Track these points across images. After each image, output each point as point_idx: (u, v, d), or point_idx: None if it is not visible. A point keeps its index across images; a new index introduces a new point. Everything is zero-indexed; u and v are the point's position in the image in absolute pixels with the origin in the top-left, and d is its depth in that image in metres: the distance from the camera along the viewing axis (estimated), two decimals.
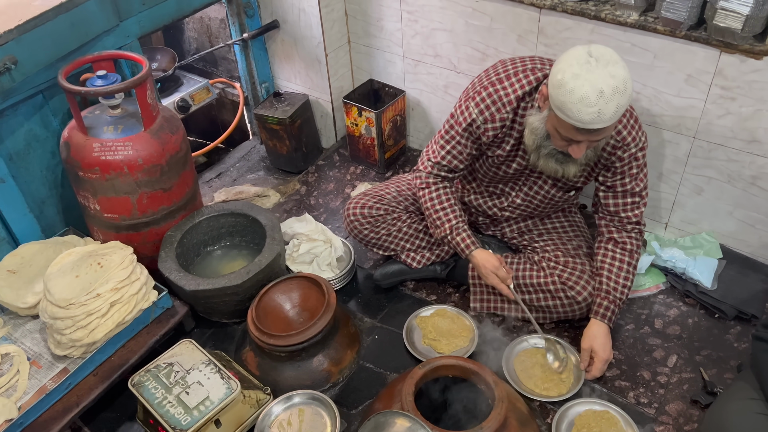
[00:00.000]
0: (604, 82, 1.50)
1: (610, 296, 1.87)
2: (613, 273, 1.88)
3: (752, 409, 1.49)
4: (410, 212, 2.17)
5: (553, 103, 1.58)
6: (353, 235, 2.17)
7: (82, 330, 1.81)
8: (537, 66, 1.79)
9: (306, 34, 2.64)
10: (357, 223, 2.13)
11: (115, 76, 1.96)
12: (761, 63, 1.81)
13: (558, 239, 2.07)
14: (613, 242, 1.91)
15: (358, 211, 2.12)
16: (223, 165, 2.99)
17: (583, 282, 1.94)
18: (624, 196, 1.86)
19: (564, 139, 1.64)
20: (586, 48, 1.55)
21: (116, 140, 1.95)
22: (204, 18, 3.03)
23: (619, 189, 1.85)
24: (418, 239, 2.17)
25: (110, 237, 2.09)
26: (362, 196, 2.16)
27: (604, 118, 1.52)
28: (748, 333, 2.00)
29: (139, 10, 2.20)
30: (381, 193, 2.16)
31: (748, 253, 2.19)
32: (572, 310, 1.96)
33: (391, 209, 2.13)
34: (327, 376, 1.93)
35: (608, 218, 1.92)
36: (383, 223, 2.13)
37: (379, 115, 2.59)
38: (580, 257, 2.00)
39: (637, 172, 1.82)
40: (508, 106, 1.78)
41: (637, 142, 1.78)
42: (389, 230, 2.14)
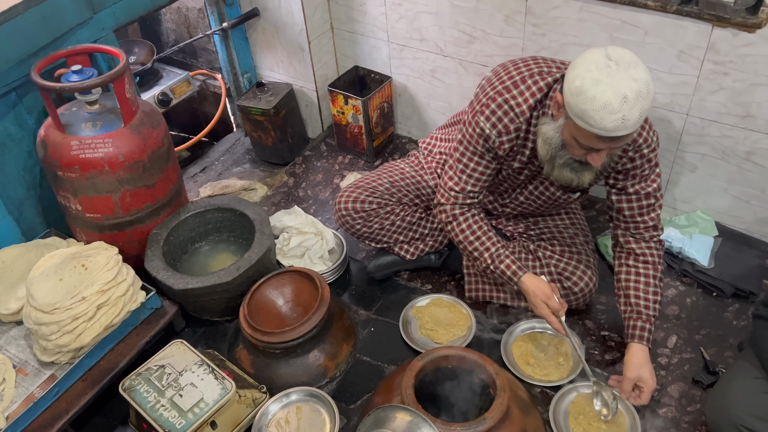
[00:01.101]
0: (627, 86, 1.40)
1: (643, 315, 1.74)
2: (641, 290, 1.76)
3: (755, 388, 1.48)
4: (403, 204, 2.10)
5: (572, 112, 1.47)
6: (345, 229, 2.11)
7: (69, 335, 1.75)
8: (544, 69, 1.67)
9: (287, 22, 2.57)
10: (349, 218, 2.05)
11: (91, 71, 1.89)
12: (754, 36, 1.77)
13: (554, 227, 2.04)
14: (633, 257, 1.80)
15: (350, 205, 2.04)
16: (208, 159, 2.92)
17: (580, 272, 1.91)
18: (638, 200, 1.75)
19: (583, 148, 1.54)
20: (603, 51, 1.45)
21: (95, 137, 1.88)
22: (181, 8, 2.94)
23: (631, 191, 1.75)
24: (411, 231, 2.12)
25: (94, 237, 2.02)
26: (354, 188, 2.07)
27: (629, 125, 1.42)
28: (747, 310, 1.99)
29: (114, 1, 2.12)
30: (373, 184, 2.07)
31: (743, 229, 2.17)
32: (569, 300, 1.92)
33: (384, 202, 2.06)
34: (323, 372, 1.89)
35: (624, 225, 1.80)
36: (376, 217, 2.06)
37: (365, 102, 2.53)
38: (576, 246, 1.97)
39: (649, 173, 1.73)
40: (521, 116, 1.66)
41: (649, 142, 1.68)
42: (382, 224, 2.08)
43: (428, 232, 2.14)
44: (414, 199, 2.11)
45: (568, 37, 2.09)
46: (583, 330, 1.98)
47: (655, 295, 1.77)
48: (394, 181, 2.09)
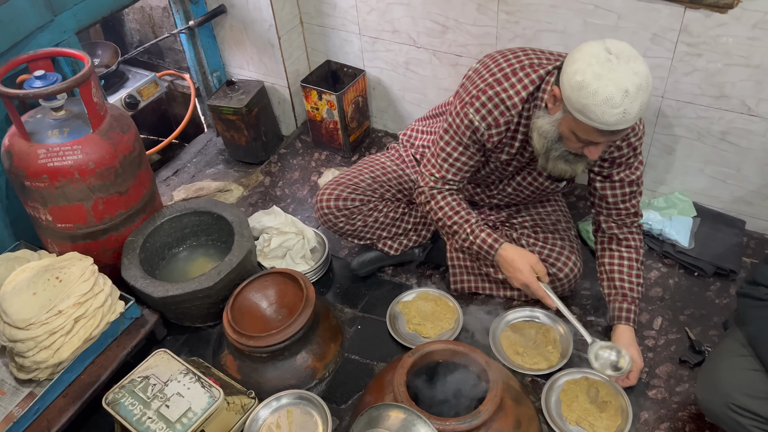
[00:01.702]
0: (629, 80, 1.39)
1: (628, 298, 1.78)
2: (625, 273, 1.80)
3: (743, 366, 1.49)
4: (386, 200, 2.07)
5: (572, 106, 1.46)
6: (327, 227, 2.07)
7: (46, 350, 1.69)
8: (534, 61, 1.65)
9: (256, 18, 2.51)
10: (331, 216, 2.01)
11: (56, 76, 1.82)
12: (726, 17, 1.79)
13: (536, 215, 2.03)
14: (616, 241, 1.83)
15: (332, 203, 1.99)
16: (180, 161, 2.86)
17: (564, 258, 1.90)
18: (622, 187, 1.77)
19: (581, 141, 1.54)
20: (603, 44, 1.44)
21: (63, 144, 1.81)
22: (145, 7, 2.86)
23: (616, 179, 1.75)
24: (395, 227, 2.10)
25: (66, 248, 1.96)
26: (335, 185, 2.02)
27: (629, 118, 1.42)
28: (728, 289, 2.01)
29: (74, 2, 2.05)
30: (355, 180, 2.03)
31: (720, 209, 2.20)
32: (554, 287, 1.92)
33: (366, 199, 2.02)
34: (312, 373, 1.86)
35: (606, 212, 1.83)
36: (359, 214, 2.02)
37: (340, 97, 2.49)
38: (560, 232, 1.97)
39: (633, 161, 1.74)
40: (513, 109, 1.65)
41: (636, 131, 1.68)
42: (365, 221, 2.04)
43: (411, 227, 2.12)
44: (396, 194, 2.09)
45: (542, 24, 2.08)
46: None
47: (638, 278, 1.81)
48: (375, 177, 2.06)
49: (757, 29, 1.77)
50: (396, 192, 2.08)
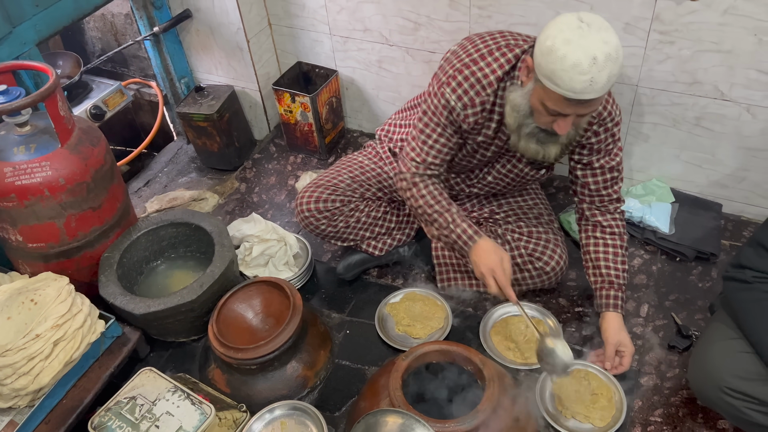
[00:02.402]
0: (598, 48, 1.39)
1: (615, 285, 1.79)
2: (610, 260, 1.80)
3: (734, 348, 1.51)
4: (366, 199, 2.05)
5: (542, 72, 1.46)
6: (309, 231, 2.04)
7: (26, 377, 1.62)
8: (511, 42, 1.65)
9: (223, 21, 2.45)
10: (312, 219, 1.98)
11: (18, 90, 1.75)
12: (697, 4, 1.80)
13: (519, 209, 2.03)
14: (600, 229, 1.83)
15: (313, 206, 1.97)
16: (150, 171, 2.78)
17: (549, 251, 1.90)
18: (603, 173, 1.77)
19: (550, 114, 1.52)
20: (576, 14, 1.44)
21: (30, 161, 1.74)
22: (106, 15, 2.77)
23: (596, 166, 1.76)
24: (377, 226, 2.08)
25: (39, 268, 1.88)
26: (314, 187, 1.99)
27: (596, 87, 1.41)
28: (710, 272, 2.04)
29: (33, 13, 1.97)
30: (334, 182, 2.01)
31: (697, 193, 2.23)
32: (541, 280, 1.93)
33: (347, 200, 2.00)
34: (303, 382, 1.82)
35: (589, 199, 1.83)
36: (340, 215, 2.00)
37: (314, 98, 2.45)
38: (543, 225, 1.97)
39: (612, 147, 1.75)
40: (488, 88, 1.64)
41: (613, 116, 1.69)
42: (347, 222, 2.02)
43: (394, 225, 2.10)
44: (377, 193, 2.06)
45: (515, 18, 2.08)
46: (557, 307, 1.98)
47: (623, 264, 1.82)
48: (354, 176, 2.03)
49: (727, 15, 1.79)
50: (376, 191, 2.06)
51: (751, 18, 1.76)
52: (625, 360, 1.74)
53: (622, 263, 1.82)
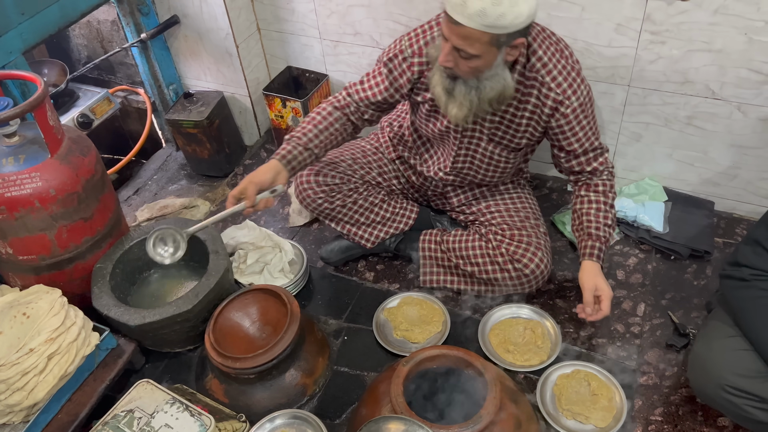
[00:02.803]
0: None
1: (593, 236, 1.81)
2: (592, 215, 1.82)
3: (733, 346, 1.51)
4: (366, 182, 2.07)
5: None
6: (305, 205, 2.04)
7: (20, 392, 1.59)
8: None
9: (211, 27, 2.43)
10: (311, 191, 1.99)
11: (6, 100, 1.72)
12: (687, 4, 1.81)
13: (505, 211, 2.02)
14: (585, 187, 1.86)
15: (312, 178, 1.98)
16: (140, 179, 2.75)
17: (530, 254, 1.89)
18: (585, 154, 1.81)
19: (444, 40, 1.57)
20: None
21: (20, 173, 1.71)
22: (92, 22, 2.73)
23: (575, 147, 1.79)
24: (373, 213, 2.08)
25: (30, 281, 1.85)
26: (316, 164, 2.00)
27: (466, 12, 1.45)
28: (705, 269, 2.05)
29: (19, 21, 1.93)
30: (336, 160, 2.03)
31: (689, 191, 2.24)
32: (521, 283, 1.92)
33: (347, 178, 2.02)
34: (302, 390, 1.81)
35: (574, 177, 1.89)
36: (338, 193, 2.01)
37: (305, 103, 2.44)
38: (527, 229, 1.96)
39: (586, 125, 1.77)
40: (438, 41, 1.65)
41: (578, 95, 1.72)
42: (344, 201, 2.03)
43: (389, 216, 2.10)
44: (377, 177, 2.09)
45: None
46: (555, 309, 1.98)
47: (606, 219, 1.83)
48: (356, 158, 2.07)
49: (718, 14, 1.80)
50: (376, 175, 2.09)
51: (742, 17, 1.78)
52: (604, 304, 1.74)
53: (604, 218, 1.82)
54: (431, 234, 2.07)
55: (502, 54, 1.57)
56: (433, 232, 2.07)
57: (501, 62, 1.60)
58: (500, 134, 1.84)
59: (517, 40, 1.56)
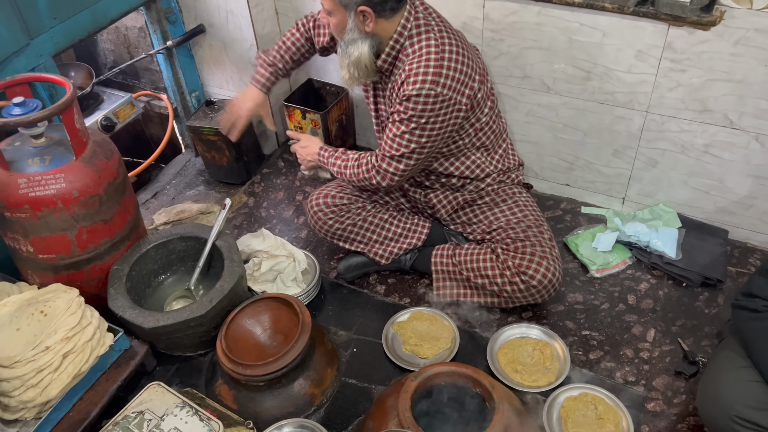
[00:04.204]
0: None
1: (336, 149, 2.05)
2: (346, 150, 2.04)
3: (744, 377, 1.51)
4: (374, 201, 2.14)
5: None
6: (317, 228, 2.12)
7: (34, 389, 1.62)
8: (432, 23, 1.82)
9: (236, 37, 2.48)
10: (321, 214, 2.08)
11: (35, 102, 1.76)
12: (709, 34, 1.83)
13: (506, 224, 2.02)
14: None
15: (321, 200, 2.10)
16: (158, 183, 2.79)
17: (535, 265, 1.89)
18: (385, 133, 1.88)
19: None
20: None
21: (45, 173, 1.75)
22: (120, 28, 2.80)
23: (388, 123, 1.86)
24: (385, 230, 2.11)
25: (49, 280, 1.88)
26: (324, 187, 2.15)
27: None
28: (716, 298, 2.05)
29: (51, 25, 1.99)
30: (342, 184, 2.14)
31: (704, 219, 2.24)
32: (530, 294, 1.93)
33: (354, 198, 2.11)
34: (310, 400, 1.82)
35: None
36: (347, 212, 2.09)
37: (324, 116, 2.47)
38: (530, 239, 1.96)
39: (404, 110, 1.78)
40: None
41: (418, 86, 1.74)
42: (354, 220, 2.09)
43: (401, 231, 2.12)
44: (384, 196, 2.16)
45: (528, 42, 2.10)
46: (564, 330, 1.99)
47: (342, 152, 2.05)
48: None
49: (739, 45, 1.81)
50: (384, 194, 2.16)
51: (763, 49, 1.79)
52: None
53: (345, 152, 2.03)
54: (444, 248, 2.08)
55: (351, 18, 1.74)
56: (446, 246, 2.09)
57: (354, 27, 1.76)
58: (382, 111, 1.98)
59: (362, 7, 1.71)
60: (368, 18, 1.74)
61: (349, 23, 1.76)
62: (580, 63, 2.07)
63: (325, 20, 1.82)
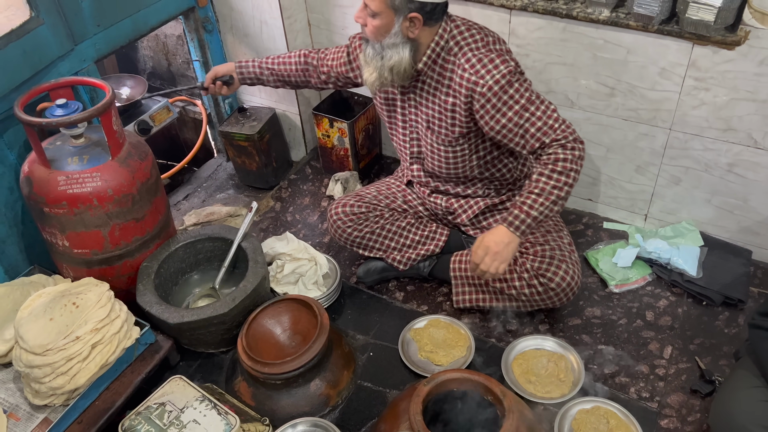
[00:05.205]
0: None
1: (517, 204, 1.74)
2: (529, 186, 1.74)
3: (758, 397, 1.51)
4: (392, 209, 2.18)
5: None
6: (337, 236, 2.17)
7: (63, 376, 1.70)
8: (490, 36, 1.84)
9: (269, 47, 2.56)
10: (340, 222, 2.13)
11: (76, 104, 1.86)
12: (733, 53, 1.83)
13: None
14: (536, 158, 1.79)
15: (340, 209, 2.14)
16: (190, 186, 2.89)
17: (554, 268, 1.91)
18: (526, 131, 1.75)
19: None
20: None
21: (82, 172, 1.84)
22: (159, 35, 2.91)
23: (510, 127, 1.76)
24: (402, 237, 2.16)
25: (82, 273, 1.97)
26: (344, 197, 2.19)
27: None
28: (737, 318, 2.03)
29: (94, 32, 2.09)
30: (361, 193, 2.20)
31: (727, 238, 2.23)
32: (549, 297, 1.94)
33: (372, 206, 2.15)
34: (326, 400, 1.87)
35: (533, 157, 1.80)
36: (366, 221, 2.13)
37: (351, 125, 2.53)
38: (549, 243, 1.98)
39: (514, 103, 1.74)
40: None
41: (494, 74, 1.73)
42: (372, 228, 2.14)
43: (419, 239, 2.16)
44: (402, 205, 2.19)
45: (552, 57, 2.13)
46: (581, 344, 2.00)
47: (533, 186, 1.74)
48: (380, 190, 2.21)
49: (764, 66, 1.81)
50: (402, 203, 2.20)
51: None
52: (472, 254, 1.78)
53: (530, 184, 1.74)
54: (462, 254, 2.11)
55: (399, 22, 1.73)
56: (464, 252, 2.11)
57: (399, 32, 1.75)
58: (434, 121, 1.94)
59: (413, 14, 1.72)
60: (416, 24, 1.75)
61: (395, 27, 1.75)
62: (604, 79, 2.09)
63: (362, 20, 1.78)
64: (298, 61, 2.20)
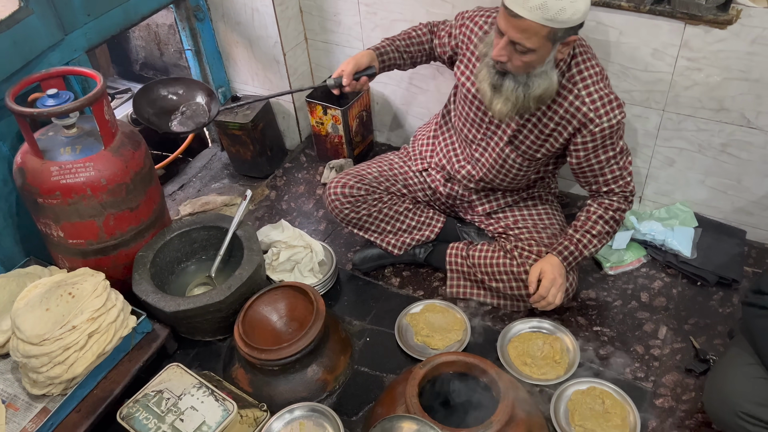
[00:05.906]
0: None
1: (568, 236, 1.87)
2: (581, 220, 1.88)
3: (752, 374, 1.52)
4: (391, 193, 2.15)
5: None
6: (334, 214, 2.14)
7: (60, 366, 1.71)
8: None
9: (261, 35, 2.55)
10: (338, 202, 2.10)
11: (68, 94, 1.85)
12: (725, 32, 1.83)
13: (533, 227, 2.05)
14: (594, 198, 1.91)
15: (339, 190, 2.09)
16: (185, 176, 2.88)
17: None
18: (603, 174, 1.84)
19: (498, 35, 1.63)
20: None
21: (76, 162, 1.84)
22: (151, 25, 2.90)
23: (595, 170, 1.83)
24: (399, 222, 2.15)
25: (77, 264, 1.98)
26: (343, 175, 2.12)
27: (528, 5, 1.52)
28: (731, 298, 2.04)
29: (85, 21, 2.08)
30: (362, 173, 2.13)
31: (721, 219, 2.23)
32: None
33: (372, 189, 2.12)
34: (323, 386, 1.88)
35: (591, 192, 1.92)
36: (364, 203, 2.11)
37: (345, 112, 2.53)
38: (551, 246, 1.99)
39: (611, 152, 1.79)
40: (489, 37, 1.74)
41: (610, 118, 1.73)
42: (370, 211, 2.12)
43: (415, 224, 2.16)
44: (401, 189, 2.16)
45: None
46: (576, 326, 2.01)
47: (592, 228, 1.85)
48: (382, 171, 2.15)
49: (755, 44, 1.81)
50: (401, 187, 2.17)
51: None
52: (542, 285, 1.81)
53: (591, 227, 1.85)
54: (457, 248, 2.11)
55: (554, 50, 1.63)
56: (460, 245, 2.11)
57: (552, 59, 1.65)
58: (521, 138, 1.88)
59: (571, 37, 1.62)
60: (569, 45, 1.65)
61: (551, 56, 1.63)
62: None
63: (506, 57, 1.63)
64: (428, 39, 2.06)
